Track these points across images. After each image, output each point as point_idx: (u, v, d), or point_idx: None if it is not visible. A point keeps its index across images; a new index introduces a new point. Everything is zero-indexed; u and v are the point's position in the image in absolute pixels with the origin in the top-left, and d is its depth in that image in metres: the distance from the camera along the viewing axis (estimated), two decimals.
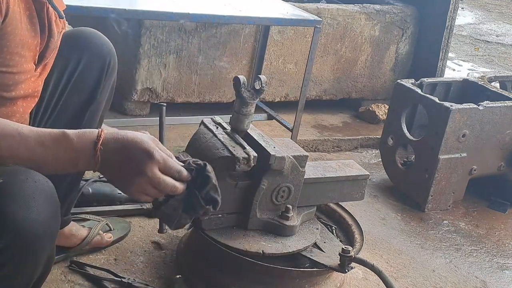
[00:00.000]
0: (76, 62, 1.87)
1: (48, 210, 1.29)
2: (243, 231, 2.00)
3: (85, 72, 1.88)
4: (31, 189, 1.27)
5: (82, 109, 1.90)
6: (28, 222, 1.26)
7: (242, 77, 1.91)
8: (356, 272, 2.24)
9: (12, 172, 1.29)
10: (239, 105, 1.95)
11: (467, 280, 2.42)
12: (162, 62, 3.15)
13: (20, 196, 1.25)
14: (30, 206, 1.26)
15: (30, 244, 1.29)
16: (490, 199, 3.12)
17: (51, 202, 1.30)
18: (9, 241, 1.26)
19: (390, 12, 3.79)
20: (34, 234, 1.28)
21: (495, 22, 7.59)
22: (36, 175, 1.29)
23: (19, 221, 1.25)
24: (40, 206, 1.27)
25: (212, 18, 2.80)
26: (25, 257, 1.31)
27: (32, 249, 1.31)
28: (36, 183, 1.28)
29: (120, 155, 1.29)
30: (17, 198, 1.25)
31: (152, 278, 2.06)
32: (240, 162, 1.82)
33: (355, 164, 2.28)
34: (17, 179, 1.27)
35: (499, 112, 2.91)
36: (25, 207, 1.25)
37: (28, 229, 1.26)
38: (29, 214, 1.26)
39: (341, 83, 3.80)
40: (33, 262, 1.35)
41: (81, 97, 1.89)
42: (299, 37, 3.50)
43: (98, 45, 1.91)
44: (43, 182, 1.29)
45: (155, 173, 1.29)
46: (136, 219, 2.37)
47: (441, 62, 3.80)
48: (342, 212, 2.33)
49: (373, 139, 3.57)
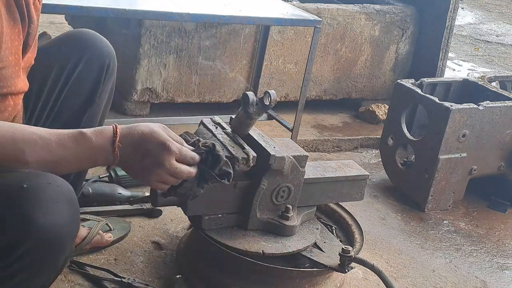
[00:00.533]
0: (75, 63, 1.85)
1: (70, 214, 1.33)
2: (243, 231, 2.00)
3: (84, 73, 1.87)
4: (54, 194, 1.31)
5: (80, 111, 1.89)
6: (52, 226, 1.29)
7: (251, 95, 1.86)
8: (356, 272, 2.24)
9: (35, 177, 1.32)
10: (243, 117, 1.92)
11: (467, 280, 2.42)
12: (162, 62, 3.15)
13: (44, 200, 1.29)
14: (53, 210, 1.30)
15: (53, 247, 1.33)
16: (490, 199, 3.12)
17: (72, 206, 1.34)
18: (33, 244, 1.29)
19: (390, 12, 3.79)
20: (56, 237, 1.31)
21: (495, 22, 7.60)
22: (58, 179, 1.33)
23: (43, 226, 1.28)
24: (62, 210, 1.31)
25: (212, 18, 2.80)
26: (46, 260, 1.35)
27: (54, 252, 1.34)
28: (58, 187, 1.32)
29: (138, 150, 1.37)
30: (41, 203, 1.29)
31: (152, 278, 2.06)
32: (239, 162, 1.82)
33: (354, 164, 2.28)
34: (41, 183, 1.31)
35: (499, 112, 2.91)
36: (49, 211, 1.29)
37: (51, 233, 1.30)
38: (53, 218, 1.29)
39: (341, 83, 3.80)
40: (53, 265, 1.39)
41: (79, 99, 1.88)
42: (299, 37, 3.50)
43: (98, 47, 1.90)
44: (64, 186, 1.34)
45: (172, 164, 1.38)
46: (136, 219, 2.37)
47: (441, 62, 3.80)
48: (342, 212, 2.33)
49: (373, 139, 3.57)
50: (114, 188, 2.45)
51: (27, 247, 1.29)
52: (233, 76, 3.39)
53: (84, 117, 1.89)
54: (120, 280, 1.99)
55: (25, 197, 1.28)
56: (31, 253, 1.30)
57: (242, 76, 3.42)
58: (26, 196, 1.28)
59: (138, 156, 1.37)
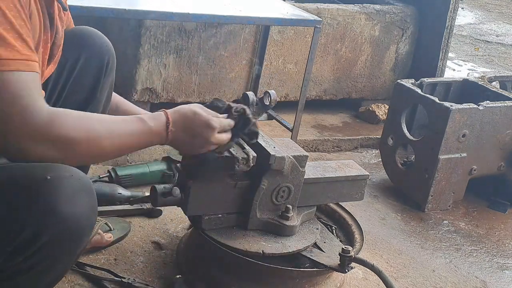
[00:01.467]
0: (75, 61, 1.87)
1: (90, 205, 1.40)
2: (243, 231, 2.00)
3: (84, 70, 1.89)
4: (76, 186, 1.37)
5: (81, 108, 1.89)
6: (74, 216, 1.35)
7: (251, 95, 1.86)
8: (356, 272, 2.24)
9: (58, 169, 1.37)
10: None
11: (467, 280, 2.42)
12: (162, 62, 3.15)
13: (67, 192, 1.35)
14: (76, 201, 1.36)
15: (73, 237, 1.38)
16: (490, 199, 3.12)
17: (91, 198, 1.41)
18: (54, 235, 1.34)
19: (390, 12, 3.79)
20: (77, 229, 1.37)
21: (495, 22, 7.59)
22: (79, 172, 1.40)
23: (66, 215, 1.34)
24: (83, 201, 1.37)
25: (212, 18, 2.80)
26: (64, 251, 1.40)
27: (73, 242, 1.40)
28: (80, 179, 1.39)
29: (187, 132, 1.60)
30: (64, 194, 1.34)
31: (152, 278, 2.06)
32: (239, 162, 1.82)
33: (354, 164, 2.28)
34: (63, 176, 1.36)
35: (499, 112, 2.91)
36: (71, 202, 1.35)
37: (73, 223, 1.36)
38: (75, 209, 1.35)
39: (341, 83, 3.80)
40: (70, 256, 1.44)
41: (80, 96, 1.90)
42: (299, 37, 3.50)
43: (97, 44, 1.92)
44: (85, 179, 1.40)
45: (216, 137, 1.64)
46: (136, 219, 2.37)
47: (441, 62, 3.80)
48: (342, 212, 2.33)
49: (373, 139, 3.57)
50: (114, 188, 2.45)
51: (49, 238, 1.33)
52: (233, 76, 3.39)
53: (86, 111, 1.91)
54: (120, 280, 1.99)
55: (49, 188, 1.33)
56: (51, 244, 1.34)
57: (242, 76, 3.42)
58: (49, 188, 1.33)
59: (188, 137, 1.60)
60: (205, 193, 1.91)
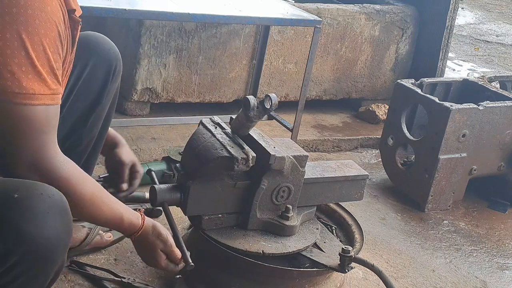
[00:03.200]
0: (83, 67, 1.88)
1: (62, 225, 1.34)
2: (243, 231, 2.00)
3: (91, 76, 1.90)
4: (46, 205, 1.32)
5: (87, 113, 1.92)
6: (42, 238, 1.30)
7: (252, 99, 1.85)
8: (356, 272, 2.24)
9: (27, 187, 1.34)
10: (244, 120, 1.92)
11: (467, 280, 2.42)
12: (162, 62, 3.15)
13: (35, 212, 1.30)
14: (44, 222, 1.30)
15: (43, 259, 1.33)
16: (490, 199, 3.12)
17: (64, 217, 1.36)
18: (23, 256, 1.29)
19: (390, 12, 3.79)
20: (47, 249, 1.32)
21: (495, 22, 7.59)
22: (51, 189, 1.35)
23: (33, 238, 1.29)
24: (54, 222, 1.32)
25: (212, 18, 2.80)
26: (37, 271, 1.35)
27: (45, 263, 1.34)
28: (50, 197, 1.33)
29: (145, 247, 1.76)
30: (32, 214, 1.29)
31: (152, 278, 2.06)
32: (239, 162, 1.82)
33: (354, 164, 2.28)
34: (33, 193, 1.32)
35: (499, 112, 2.91)
36: (39, 224, 1.30)
37: (41, 245, 1.30)
38: (43, 231, 1.30)
39: (341, 83, 3.80)
40: (45, 275, 1.38)
41: (86, 101, 1.91)
42: (299, 37, 3.50)
43: (105, 50, 1.94)
44: (57, 197, 1.35)
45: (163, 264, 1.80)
46: None
47: (441, 62, 3.80)
48: (342, 212, 2.33)
49: (373, 139, 3.57)
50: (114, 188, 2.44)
51: (17, 258, 1.29)
52: (233, 76, 3.39)
53: (90, 118, 1.93)
54: (120, 280, 1.99)
55: (16, 208, 1.29)
56: (21, 264, 1.30)
57: (242, 76, 3.42)
58: (16, 207, 1.29)
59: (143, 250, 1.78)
60: (205, 193, 1.91)
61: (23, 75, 1.37)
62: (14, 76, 1.36)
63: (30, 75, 1.37)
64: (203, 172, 1.87)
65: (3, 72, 1.35)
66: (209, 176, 1.88)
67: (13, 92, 1.36)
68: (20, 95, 1.37)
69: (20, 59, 1.36)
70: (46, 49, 1.39)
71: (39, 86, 1.38)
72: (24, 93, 1.37)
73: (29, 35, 1.36)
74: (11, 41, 1.35)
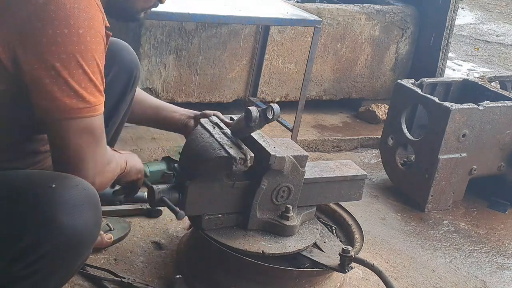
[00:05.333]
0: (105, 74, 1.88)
1: (93, 218, 1.39)
2: (243, 231, 2.00)
3: (112, 84, 1.91)
4: (80, 196, 1.37)
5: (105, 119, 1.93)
6: (75, 229, 1.34)
7: (255, 111, 1.84)
8: (356, 272, 2.24)
9: (64, 178, 1.39)
10: (244, 127, 1.91)
11: (467, 280, 2.42)
12: (162, 62, 3.15)
13: (70, 202, 1.35)
14: (78, 214, 1.35)
15: (74, 250, 1.37)
16: (490, 199, 3.12)
17: (96, 210, 1.40)
18: (55, 246, 1.32)
19: (390, 12, 3.79)
20: (79, 240, 1.36)
21: (495, 22, 7.59)
22: (85, 183, 1.41)
23: (67, 227, 1.33)
24: (86, 214, 1.37)
25: (212, 18, 2.80)
26: (65, 262, 1.38)
27: (74, 254, 1.38)
28: (85, 190, 1.39)
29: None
30: (67, 205, 1.34)
31: (152, 278, 2.06)
32: (237, 162, 1.82)
33: (353, 164, 2.28)
34: (68, 185, 1.37)
35: (499, 112, 2.91)
36: (73, 215, 1.34)
37: (74, 236, 1.34)
38: (77, 221, 1.35)
39: (341, 83, 3.80)
40: (70, 267, 1.42)
41: (105, 108, 1.92)
42: (299, 37, 3.50)
43: (127, 60, 1.99)
44: (91, 190, 1.41)
45: None
46: (136, 219, 2.37)
47: (441, 62, 3.80)
48: (342, 212, 2.33)
49: (373, 139, 3.57)
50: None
51: (49, 247, 1.32)
52: (233, 76, 3.39)
53: (108, 123, 1.95)
54: (120, 280, 1.99)
55: (52, 197, 1.33)
56: (52, 253, 1.33)
57: (242, 76, 3.42)
58: (52, 196, 1.33)
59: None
60: (203, 193, 1.91)
61: (84, 90, 1.44)
62: (77, 92, 1.43)
63: (90, 89, 1.45)
64: (201, 172, 1.86)
65: (66, 90, 1.42)
66: (207, 176, 1.88)
67: (79, 108, 1.44)
68: (85, 109, 1.45)
69: (78, 77, 1.43)
70: (98, 63, 1.47)
71: (96, 98, 1.48)
72: (88, 107, 1.45)
73: (82, 53, 1.43)
74: (68, 61, 1.41)
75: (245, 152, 1.85)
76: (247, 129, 1.91)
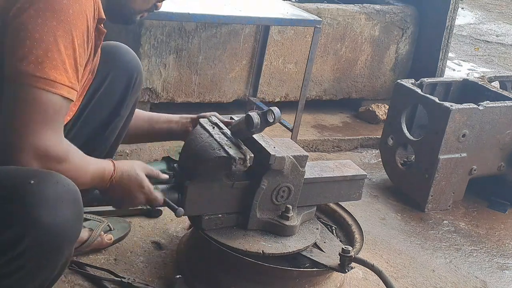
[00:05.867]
0: (103, 78, 1.87)
1: (73, 214, 1.36)
2: (243, 231, 2.00)
3: (110, 88, 1.89)
4: (60, 193, 1.34)
5: (105, 123, 1.92)
6: (55, 225, 1.32)
7: (256, 117, 1.84)
8: (356, 272, 2.24)
9: (43, 174, 1.35)
10: (244, 130, 1.91)
11: (467, 280, 2.42)
12: (162, 62, 3.15)
13: (50, 198, 1.32)
14: (57, 209, 1.32)
15: (54, 246, 1.34)
16: (490, 199, 3.12)
17: (76, 207, 1.38)
18: (34, 241, 1.30)
19: (390, 12, 3.79)
20: (58, 237, 1.34)
21: (495, 22, 7.59)
22: (65, 179, 1.37)
23: (46, 224, 1.31)
24: (66, 210, 1.34)
25: (212, 18, 2.80)
26: (46, 259, 1.36)
27: (55, 250, 1.36)
28: (65, 187, 1.36)
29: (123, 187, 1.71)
30: (47, 201, 1.32)
31: (152, 278, 2.06)
32: (236, 163, 1.82)
33: (352, 164, 2.28)
34: (48, 181, 1.34)
35: (499, 112, 2.91)
36: (53, 211, 1.32)
37: (53, 232, 1.32)
38: (55, 217, 1.32)
39: (341, 83, 3.80)
40: (52, 264, 1.40)
41: (104, 113, 1.90)
42: (299, 37, 3.50)
43: (126, 61, 1.93)
44: (71, 186, 1.38)
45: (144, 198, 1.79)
46: (136, 219, 2.37)
47: (441, 62, 3.80)
48: (342, 212, 2.33)
49: (373, 139, 3.57)
50: None
51: (29, 243, 1.30)
52: (233, 76, 3.39)
53: (109, 128, 1.93)
54: (120, 280, 1.99)
55: (31, 193, 1.31)
56: (32, 250, 1.31)
57: (242, 76, 3.42)
58: (32, 192, 1.31)
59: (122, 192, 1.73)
60: (203, 193, 1.91)
61: (48, 60, 1.37)
62: (38, 60, 1.36)
63: (55, 62, 1.38)
64: (201, 172, 1.86)
65: (28, 55, 1.36)
66: (207, 176, 1.88)
67: (35, 75, 1.37)
68: (41, 79, 1.38)
69: (47, 45, 1.37)
70: (74, 40, 1.40)
71: (60, 75, 1.39)
72: (45, 78, 1.38)
73: (60, 23, 1.38)
74: (41, 26, 1.36)
75: (244, 152, 1.85)
76: (247, 133, 1.91)
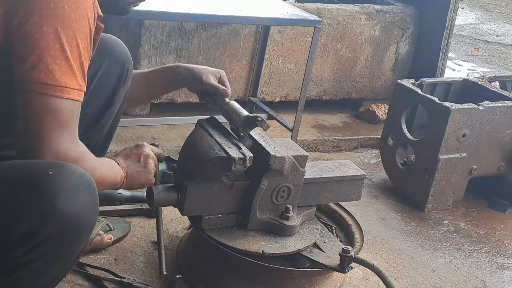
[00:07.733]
0: (97, 69, 1.92)
1: (90, 203, 1.40)
2: (243, 231, 2.00)
3: (105, 78, 1.93)
4: (78, 183, 1.38)
5: (99, 113, 1.96)
6: (73, 214, 1.35)
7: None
8: (356, 272, 2.24)
9: (61, 165, 1.39)
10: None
11: (467, 280, 2.42)
12: (162, 62, 3.15)
13: (68, 188, 1.35)
14: (76, 199, 1.36)
15: (72, 235, 1.38)
16: (490, 199, 3.12)
17: (93, 196, 1.41)
18: (53, 231, 1.33)
19: (390, 12, 3.79)
20: (77, 225, 1.37)
21: (495, 22, 7.59)
22: (81, 170, 1.41)
23: (65, 212, 1.34)
24: (84, 199, 1.38)
25: (212, 18, 2.80)
26: (64, 248, 1.40)
27: (73, 240, 1.40)
28: (82, 177, 1.40)
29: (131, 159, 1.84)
30: (65, 190, 1.35)
31: (152, 278, 2.06)
32: (236, 163, 1.82)
33: (352, 164, 2.27)
34: (65, 172, 1.38)
35: (499, 112, 2.91)
36: (71, 199, 1.35)
37: (72, 221, 1.36)
38: (75, 206, 1.35)
39: (341, 83, 3.80)
40: (70, 253, 1.43)
41: (99, 102, 1.95)
42: (299, 37, 3.50)
43: (118, 52, 1.98)
44: (88, 177, 1.41)
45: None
46: (136, 219, 2.37)
47: (441, 62, 3.80)
48: (342, 212, 2.33)
49: (373, 139, 3.57)
50: None
51: (48, 233, 1.33)
52: (233, 76, 3.39)
53: (103, 117, 1.97)
54: (120, 280, 1.99)
55: (50, 183, 1.33)
56: (51, 239, 1.34)
57: (242, 76, 3.42)
58: (50, 183, 1.33)
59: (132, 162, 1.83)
60: (202, 193, 1.91)
61: (57, 67, 1.41)
62: (48, 68, 1.40)
63: (63, 68, 1.42)
64: (200, 172, 1.86)
65: (38, 63, 1.39)
66: (206, 176, 1.88)
67: (46, 83, 1.40)
68: (52, 87, 1.41)
69: (55, 52, 1.40)
70: (79, 44, 1.44)
71: (70, 80, 1.43)
72: (56, 85, 1.41)
73: (64, 29, 1.40)
74: (47, 33, 1.39)
75: (244, 152, 1.85)
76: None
